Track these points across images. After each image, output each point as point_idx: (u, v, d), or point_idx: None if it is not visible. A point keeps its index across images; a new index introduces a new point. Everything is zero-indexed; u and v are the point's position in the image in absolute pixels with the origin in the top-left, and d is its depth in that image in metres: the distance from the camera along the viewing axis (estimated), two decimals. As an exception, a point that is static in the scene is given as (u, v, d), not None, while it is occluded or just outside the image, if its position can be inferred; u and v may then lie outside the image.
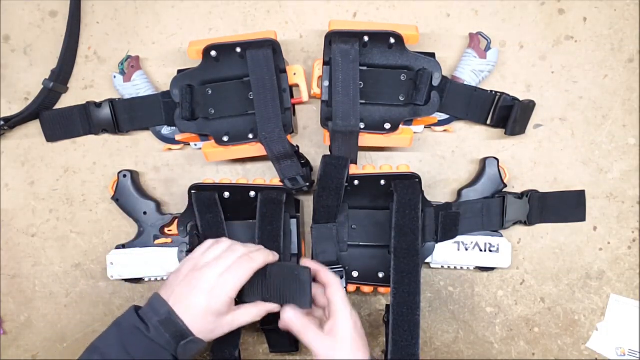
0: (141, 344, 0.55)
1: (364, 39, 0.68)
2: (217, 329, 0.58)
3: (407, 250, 0.65)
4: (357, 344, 0.58)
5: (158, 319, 0.56)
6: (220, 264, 0.58)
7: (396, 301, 0.64)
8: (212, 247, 0.62)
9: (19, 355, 0.81)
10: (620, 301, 0.77)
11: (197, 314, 0.56)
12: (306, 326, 0.58)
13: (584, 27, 0.77)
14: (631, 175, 0.77)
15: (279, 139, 0.67)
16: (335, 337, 0.58)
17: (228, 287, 0.57)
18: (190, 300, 0.56)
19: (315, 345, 0.58)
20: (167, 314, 0.56)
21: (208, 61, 0.70)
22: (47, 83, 0.77)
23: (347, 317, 0.58)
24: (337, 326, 0.58)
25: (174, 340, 0.55)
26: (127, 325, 0.56)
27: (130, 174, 0.76)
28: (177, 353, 0.55)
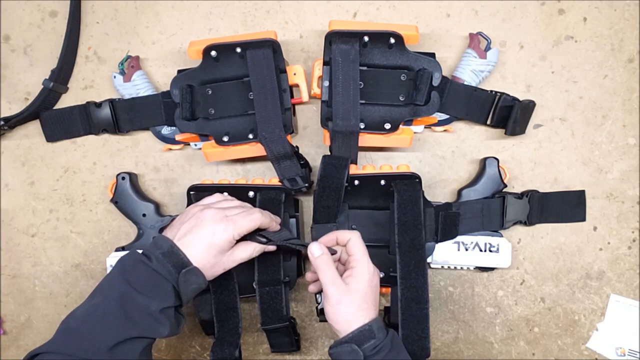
0: (143, 274, 0.56)
1: (364, 39, 0.68)
2: (218, 264, 0.60)
3: (412, 244, 0.65)
4: (367, 298, 0.59)
5: (161, 252, 0.57)
6: (229, 204, 0.62)
7: (404, 296, 0.64)
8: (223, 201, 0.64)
9: (19, 355, 0.81)
10: (620, 301, 0.77)
11: (199, 247, 0.58)
12: (328, 263, 0.59)
13: (584, 27, 0.77)
14: (631, 175, 0.77)
15: (279, 139, 0.67)
16: (348, 285, 0.58)
17: (234, 226, 0.59)
18: (194, 234, 0.58)
19: (330, 284, 0.58)
20: (170, 247, 0.57)
21: (208, 61, 0.70)
22: (47, 83, 0.77)
23: (365, 270, 0.59)
24: (353, 276, 0.59)
25: (175, 269, 0.56)
26: (129, 260, 0.57)
27: (128, 176, 0.76)
28: (178, 283, 0.56)
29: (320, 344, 0.79)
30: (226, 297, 0.69)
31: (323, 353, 0.79)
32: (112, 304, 0.54)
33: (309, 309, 0.79)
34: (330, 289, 0.58)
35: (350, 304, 0.58)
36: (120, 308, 0.54)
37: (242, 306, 0.72)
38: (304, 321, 0.79)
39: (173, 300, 0.56)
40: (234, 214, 0.61)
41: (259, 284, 0.68)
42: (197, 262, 0.58)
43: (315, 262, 0.59)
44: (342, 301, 0.58)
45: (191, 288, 0.57)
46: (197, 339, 0.80)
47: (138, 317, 0.54)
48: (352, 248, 0.60)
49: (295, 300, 0.79)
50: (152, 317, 0.55)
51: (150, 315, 0.55)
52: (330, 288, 0.58)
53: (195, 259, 0.58)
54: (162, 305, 0.55)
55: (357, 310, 0.58)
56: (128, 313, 0.54)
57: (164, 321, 0.55)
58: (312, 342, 0.79)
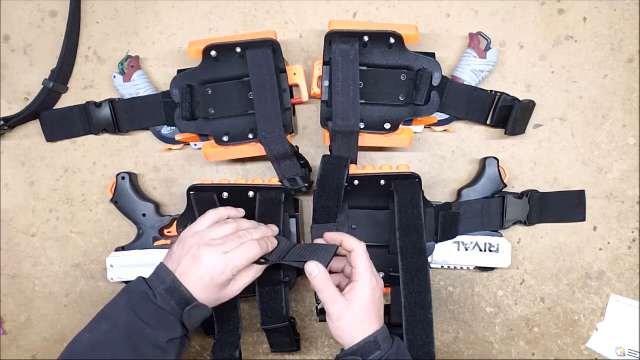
0: (150, 308, 0.57)
1: (364, 39, 0.68)
2: (221, 297, 0.60)
3: (414, 249, 0.65)
4: (370, 312, 0.59)
5: (164, 287, 0.58)
6: (223, 247, 0.59)
7: (408, 302, 0.64)
8: (218, 227, 0.62)
9: (19, 355, 0.81)
10: (620, 301, 0.77)
11: (200, 286, 0.58)
12: (326, 282, 0.59)
13: (584, 27, 0.77)
14: (631, 175, 0.77)
15: (279, 139, 0.67)
16: (350, 300, 0.58)
17: (232, 265, 0.58)
18: (194, 274, 0.58)
19: (330, 304, 0.58)
20: (172, 283, 0.58)
21: (208, 61, 0.70)
22: (47, 83, 0.77)
23: (367, 284, 0.59)
24: (355, 290, 0.59)
25: (179, 306, 0.57)
26: (136, 292, 0.58)
27: (128, 176, 0.76)
28: (182, 318, 0.57)
29: (320, 344, 0.79)
30: None
31: (323, 353, 0.79)
32: (120, 335, 0.55)
33: (309, 309, 0.79)
34: (331, 307, 0.58)
35: (353, 319, 0.58)
36: (128, 339, 0.55)
37: (242, 306, 0.72)
38: (304, 321, 0.79)
39: (180, 332, 0.57)
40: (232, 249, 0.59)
41: (259, 284, 0.68)
42: (200, 297, 0.58)
43: (314, 281, 0.59)
44: (344, 317, 0.58)
45: (196, 320, 0.59)
46: (197, 339, 0.80)
47: (145, 349, 0.55)
48: (356, 260, 0.60)
49: (295, 300, 0.79)
50: (160, 348, 0.56)
51: (157, 347, 0.56)
52: (331, 307, 0.58)
53: (198, 292, 0.58)
54: (169, 337, 0.56)
55: (360, 325, 0.58)
56: (136, 345, 0.55)
57: (170, 351, 0.57)
58: (312, 342, 0.79)
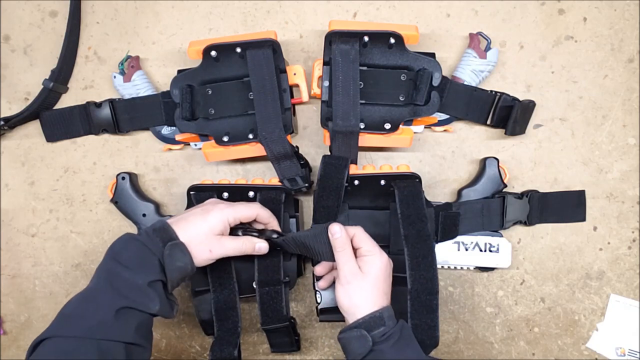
0: (131, 250, 0.58)
1: (364, 39, 0.68)
2: (205, 243, 0.60)
3: (418, 235, 0.66)
4: (379, 285, 0.60)
5: (152, 228, 0.59)
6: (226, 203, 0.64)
7: (414, 287, 0.64)
8: None
9: (19, 355, 0.81)
10: (620, 301, 0.77)
11: (191, 223, 0.60)
12: (345, 244, 0.60)
13: (584, 27, 0.77)
14: (631, 175, 0.77)
15: (279, 139, 0.67)
16: (361, 268, 0.60)
17: (230, 209, 0.62)
18: (190, 213, 0.62)
19: (344, 265, 0.60)
20: (162, 224, 0.60)
21: (208, 61, 0.70)
22: (47, 83, 0.77)
23: (377, 258, 0.60)
24: (365, 262, 0.60)
25: (162, 243, 0.58)
26: (120, 241, 0.59)
27: (128, 176, 0.76)
28: (163, 256, 0.57)
29: (320, 344, 0.79)
30: (225, 297, 0.69)
31: (323, 353, 0.79)
32: (101, 283, 0.56)
33: (309, 309, 0.79)
34: (344, 268, 0.59)
35: (362, 287, 0.59)
36: (108, 285, 0.55)
37: (242, 306, 0.72)
38: (304, 321, 0.79)
39: (159, 275, 0.57)
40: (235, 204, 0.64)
41: (259, 284, 0.68)
42: (186, 236, 0.59)
43: (335, 241, 0.60)
44: (353, 282, 0.59)
45: (176, 265, 0.58)
46: (197, 339, 0.80)
47: (126, 290, 0.55)
48: (360, 241, 0.61)
49: (295, 300, 0.79)
50: (140, 290, 0.56)
51: (137, 288, 0.55)
52: (345, 268, 0.59)
53: (185, 234, 0.59)
54: (148, 279, 0.56)
55: (368, 295, 0.59)
56: (115, 287, 0.55)
57: (152, 295, 0.56)
58: (312, 342, 0.79)
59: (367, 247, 0.61)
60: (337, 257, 0.60)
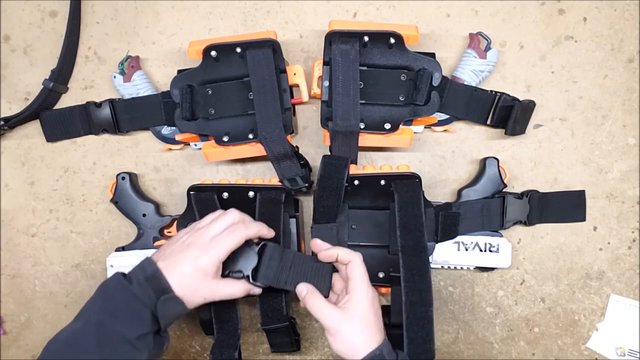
0: (122, 299, 0.56)
1: (364, 39, 0.68)
2: (200, 291, 0.58)
3: (415, 247, 0.65)
4: (369, 322, 0.58)
5: (144, 275, 0.57)
6: (214, 226, 0.60)
7: (409, 299, 0.64)
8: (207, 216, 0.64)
9: (19, 355, 0.81)
10: (620, 301, 0.77)
11: (183, 270, 0.57)
12: (315, 299, 0.59)
13: (584, 27, 0.77)
14: (631, 175, 0.77)
15: (279, 139, 0.67)
16: (347, 311, 0.58)
17: (218, 248, 0.58)
18: (179, 256, 0.58)
19: (325, 317, 0.58)
20: (154, 272, 0.57)
21: (208, 61, 0.70)
22: (47, 83, 0.77)
23: (364, 297, 0.59)
24: (352, 302, 0.59)
25: (155, 295, 0.56)
26: (111, 284, 0.57)
27: (128, 176, 0.76)
28: (156, 310, 0.56)
29: (320, 344, 0.79)
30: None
31: (323, 353, 0.79)
32: (89, 331, 0.54)
33: (309, 309, 0.79)
34: (326, 320, 0.58)
35: (351, 330, 0.57)
36: (95, 335, 0.54)
37: (242, 306, 0.72)
38: (304, 321, 0.79)
39: (150, 327, 0.56)
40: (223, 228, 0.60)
41: (259, 284, 0.68)
42: (180, 286, 0.57)
43: (304, 300, 0.60)
44: (341, 329, 0.57)
45: (170, 314, 0.57)
46: (197, 339, 0.80)
47: (114, 344, 0.54)
48: (352, 272, 0.60)
49: (296, 300, 0.79)
50: (129, 344, 0.54)
51: (127, 342, 0.54)
52: (327, 320, 0.58)
53: (178, 283, 0.57)
54: (138, 333, 0.55)
55: (360, 335, 0.57)
56: (102, 341, 0.53)
57: (141, 348, 0.55)
58: (312, 342, 0.79)
59: (356, 283, 0.59)
60: (314, 314, 0.59)
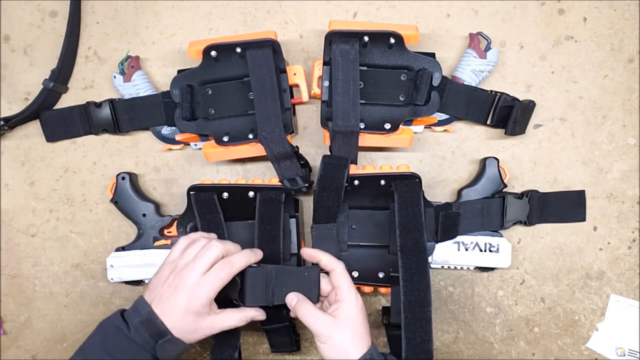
0: (122, 343, 0.56)
1: (364, 39, 0.68)
2: (198, 330, 0.59)
3: (414, 247, 0.65)
4: (359, 328, 0.59)
5: (139, 319, 0.57)
6: (199, 264, 0.58)
7: (407, 299, 0.64)
8: (189, 247, 0.61)
9: (19, 355, 0.81)
10: (620, 301, 0.77)
11: (177, 314, 0.57)
12: (306, 307, 0.59)
13: (584, 27, 0.77)
14: (631, 175, 0.77)
15: (279, 139, 0.67)
16: (337, 318, 0.58)
17: (207, 287, 0.58)
18: (170, 300, 0.57)
19: (316, 324, 0.58)
20: (148, 314, 0.57)
21: (208, 61, 0.70)
22: (47, 83, 0.77)
23: (352, 303, 0.59)
24: (341, 309, 0.59)
25: (152, 339, 0.56)
26: (110, 327, 0.58)
27: (128, 176, 0.76)
28: (156, 352, 0.56)
29: (320, 344, 0.79)
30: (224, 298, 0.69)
31: (323, 353, 0.79)
32: None
33: (309, 309, 0.79)
34: (318, 328, 0.58)
35: (343, 337, 0.58)
36: None
37: (242, 306, 0.72)
38: (304, 321, 0.79)
39: None
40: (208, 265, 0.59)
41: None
42: (176, 328, 0.57)
43: (295, 309, 0.60)
44: (333, 335, 0.58)
45: (171, 354, 0.57)
46: (197, 339, 0.80)
47: None
48: (338, 280, 0.60)
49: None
50: None
51: None
52: (318, 327, 0.58)
53: (173, 326, 0.57)
54: None
55: (351, 342, 0.58)
56: None
57: None
58: (312, 342, 0.79)
59: (343, 290, 0.59)
60: (305, 322, 0.59)
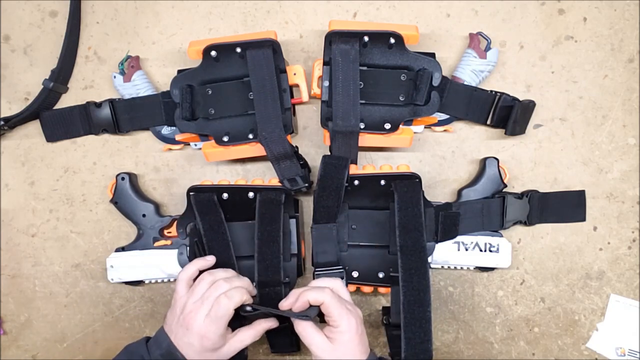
0: None
1: (364, 39, 0.68)
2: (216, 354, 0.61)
3: (413, 247, 0.65)
4: (355, 348, 0.59)
5: (160, 352, 0.60)
6: (203, 307, 0.61)
7: (406, 299, 0.64)
8: (196, 287, 0.63)
9: (19, 355, 0.81)
10: (620, 301, 0.77)
11: (194, 352, 0.60)
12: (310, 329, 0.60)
13: (584, 27, 0.77)
14: (631, 175, 0.77)
15: (279, 139, 0.67)
16: (334, 342, 0.59)
17: (214, 327, 0.60)
18: (184, 340, 0.60)
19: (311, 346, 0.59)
20: (168, 347, 0.60)
21: (208, 61, 0.70)
22: (47, 83, 0.77)
23: (346, 327, 0.59)
24: (336, 333, 0.59)
25: None
26: (135, 353, 0.62)
27: (128, 177, 0.76)
28: None
29: (320, 344, 0.79)
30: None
31: (323, 353, 0.79)
32: None
33: (309, 309, 0.79)
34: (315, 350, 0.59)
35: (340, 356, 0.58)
36: None
37: (242, 306, 0.72)
38: (304, 321, 0.79)
39: None
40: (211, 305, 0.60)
41: (259, 284, 0.68)
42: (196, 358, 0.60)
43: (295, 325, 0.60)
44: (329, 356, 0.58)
45: None
46: (197, 339, 0.80)
47: None
48: (327, 310, 0.60)
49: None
50: None
51: None
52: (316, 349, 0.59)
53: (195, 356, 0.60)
54: None
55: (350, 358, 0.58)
56: None
57: None
58: (312, 342, 0.79)
59: (334, 317, 0.59)
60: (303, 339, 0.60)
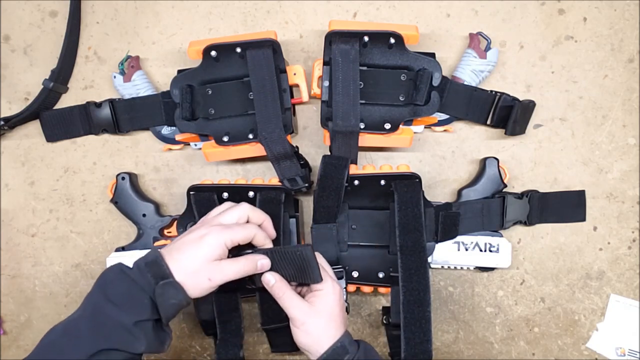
0: (121, 285, 0.54)
1: (364, 39, 0.68)
2: (201, 271, 0.56)
3: (413, 247, 0.65)
4: (335, 317, 0.59)
5: (145, 261, 0.55)
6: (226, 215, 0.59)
7: (406, 299, 0.64)
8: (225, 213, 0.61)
9: (19, 355, 0.81)
10: (620, 301, 0.77)
11: (187, 253, 0.56)
12: (284, 288, 0.59)
13: (584, 27, 0.77)
14: (631, 175, 0.77)
15: (279, 139, 0.67)
16: (313, 305, 0.58)
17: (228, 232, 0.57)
18: (185, 239, 0.57)
19: (291, 307, 0.58)
20: (155, 257, 0.55)
21: (208, 61, 0.70)
22: (47, 83, 0.77)
23: (330, 290, 0.59)
24: (318, 297, 0.59)
25: (154, 280, 0.54)
26: (111, 273, 0.56)
27: (128, 177, 0.76)
28: (155, 295, 0.54)
29: (320, 344, 0.79)
30: (227, 298, 0.69)
31: (323, 353, 0.79)
32: (86, 317, 0.53)
33: (309, 309, 0.79)
34: (293, 311, 0.58)
35: (317, 323, 0.58)
36: (91, 321, 0.53)
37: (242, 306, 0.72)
38: (304, 321, 0.79)
39: (149, 314, 0.53)
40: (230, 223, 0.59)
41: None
42: (181, 270, 0.55)
43: (272, 290, 0.59)
44: (307, 321, 0.58)
45: (170, 303, 0.54)
46: (197, 339, 0.80)
47: (109, 329, 0.52)
48: None
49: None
50: (125, 330, 0.52)
51: (123, 328, 0.52)
52: (293, 311, 0.58)
53: (179, 268, 0.55)
54: (135, 319, 0.52)
55: (326, 330, 0.58)
56: (98, 326, 0.52)
57: (138, 335, 0.53)
58: (312, 342, 0.79)
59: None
60: (282, 304, 0.59)
